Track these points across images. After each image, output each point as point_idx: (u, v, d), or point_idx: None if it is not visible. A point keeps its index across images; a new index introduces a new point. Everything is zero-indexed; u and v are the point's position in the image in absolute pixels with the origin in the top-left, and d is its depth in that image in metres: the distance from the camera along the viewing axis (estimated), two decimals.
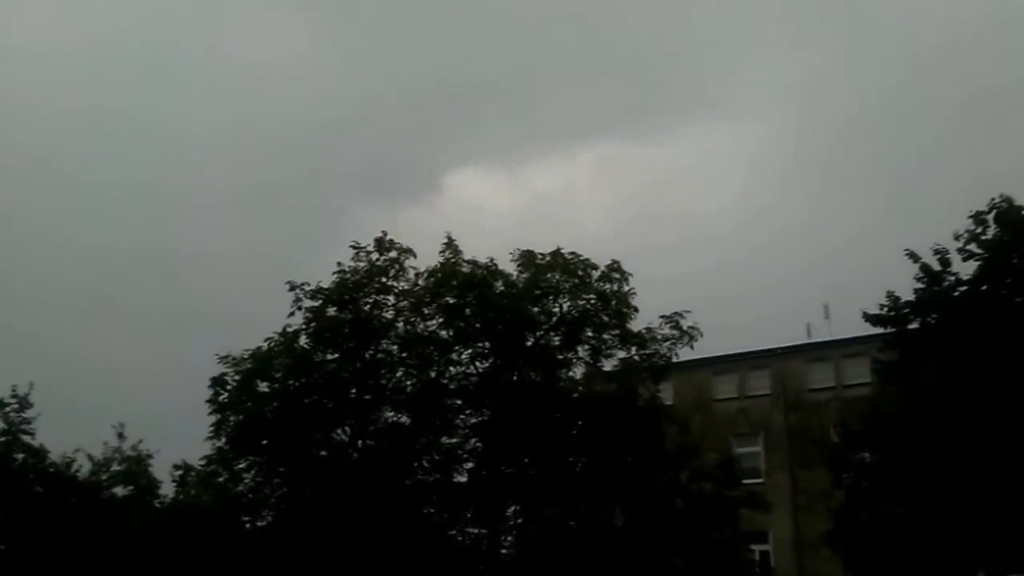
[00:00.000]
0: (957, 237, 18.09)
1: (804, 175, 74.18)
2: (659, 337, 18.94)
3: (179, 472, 20.27)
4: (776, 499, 25.84)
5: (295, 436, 18.34)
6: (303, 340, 19.10)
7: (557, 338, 19.41)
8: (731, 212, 75.82)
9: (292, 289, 19.01)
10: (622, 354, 19.46)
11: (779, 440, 29.93)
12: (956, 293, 17.99)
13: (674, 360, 19.74)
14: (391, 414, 19.51)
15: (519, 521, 19.85)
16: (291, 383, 18.81)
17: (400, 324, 19.50)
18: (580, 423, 19.32)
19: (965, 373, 17.20)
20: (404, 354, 19.47)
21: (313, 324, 18.97)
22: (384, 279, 19.41)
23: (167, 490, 22.50)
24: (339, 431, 19.24)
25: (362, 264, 19.43)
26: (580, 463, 19.21)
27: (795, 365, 30.96)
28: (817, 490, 23.00)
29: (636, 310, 19.21)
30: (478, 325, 19.22)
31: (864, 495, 18.43)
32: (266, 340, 18.95)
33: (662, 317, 18.93)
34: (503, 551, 19.37)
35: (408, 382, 19.59)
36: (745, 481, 20.94)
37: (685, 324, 18.84)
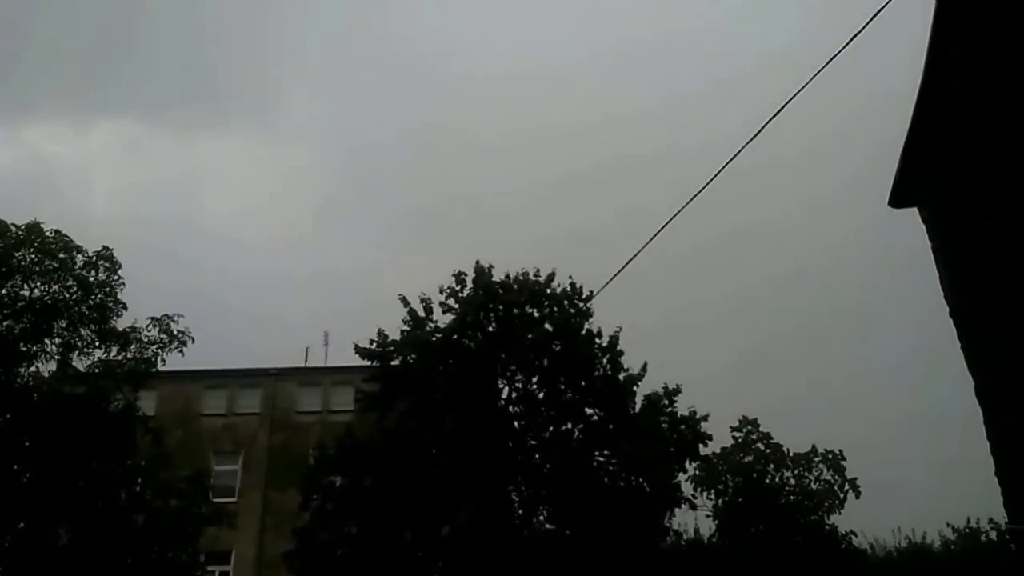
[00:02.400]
0: (442, 291, 20.83)
1: (336, 207, 77.43)
2: (145, 339, 17.37)
3: None
4: (246, 519, 25.77)
5: None
6: None
7: (21, 326, 16.57)
8: (261, 225, 75.41)
9: None
10: (101, 353, 17.38)
11: (259, 460, 29.92)
12: (434, 339, 20.48)
13: (163, 367, 18.28)
14: None
15: None
16: None
17: None
18: (38, 427, 16.76)
19: (432, 404, 19.80)
20: None
21: None
22: None
23: None
24: None
25: None
26: (26, 474, 16.64)
27: (287, 387, 31.51)
28: (287, 511, 23.47)
29: (124, 306, 17.35)
30: None
31: (328, 516, 19.50)
32: None
33: (151, 318, 17.42)
34: None
35: None
36: (219, 500, 20.46)
37: (176, 328, 17.50)
